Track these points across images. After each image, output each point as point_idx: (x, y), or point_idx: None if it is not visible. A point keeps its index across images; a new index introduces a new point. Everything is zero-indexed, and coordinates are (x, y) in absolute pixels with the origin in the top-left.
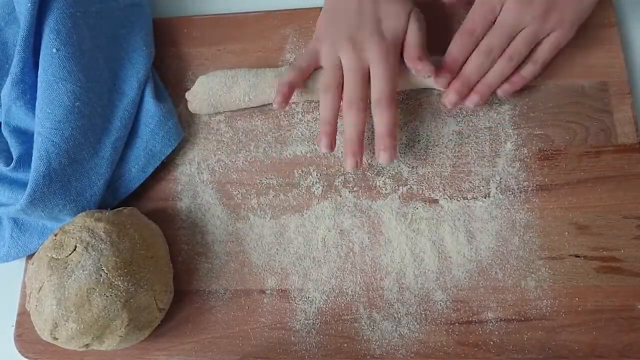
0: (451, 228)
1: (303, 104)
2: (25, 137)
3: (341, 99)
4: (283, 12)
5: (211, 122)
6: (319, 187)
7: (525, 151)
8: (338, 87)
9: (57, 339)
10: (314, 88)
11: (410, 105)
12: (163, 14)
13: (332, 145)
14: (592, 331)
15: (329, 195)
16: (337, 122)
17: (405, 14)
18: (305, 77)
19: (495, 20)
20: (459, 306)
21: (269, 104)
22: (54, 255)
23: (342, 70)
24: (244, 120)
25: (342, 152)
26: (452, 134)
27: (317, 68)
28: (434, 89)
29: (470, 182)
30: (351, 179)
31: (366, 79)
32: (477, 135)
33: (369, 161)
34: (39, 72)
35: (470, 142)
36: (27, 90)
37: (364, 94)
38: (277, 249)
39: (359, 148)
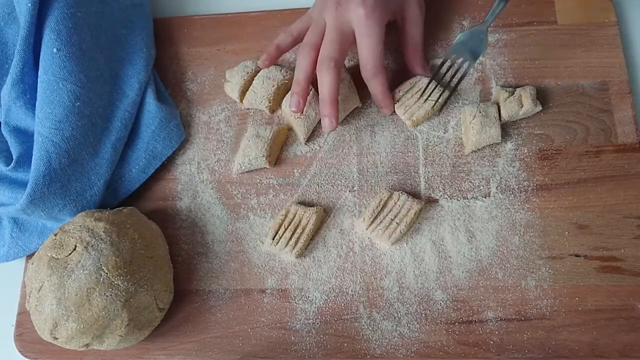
0: (451, 228)
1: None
2: (25, 137)
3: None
4: (283, 12)
5: (211, 122)
6: (318, 187)
7: (526, 151)
8: (314, 48)
9: (57, 338)
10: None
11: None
12: (163, 14)
13: (298, 106)
14: (592, 331)
15: (329, 195)
16: (308, 84)
17: None
18: (297, 42)
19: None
20: (459, 306)
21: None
22: (54, 255)
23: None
24: (244, 120)
25: (341, 156)
26: (452, 134)
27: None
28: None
29: (470, 182)
30: (352, 178)
31: (344, 40)
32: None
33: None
34: (39, 72)
35: None
36: (27, 90)
37: (337, 54)
38: None
39: (330, 109)
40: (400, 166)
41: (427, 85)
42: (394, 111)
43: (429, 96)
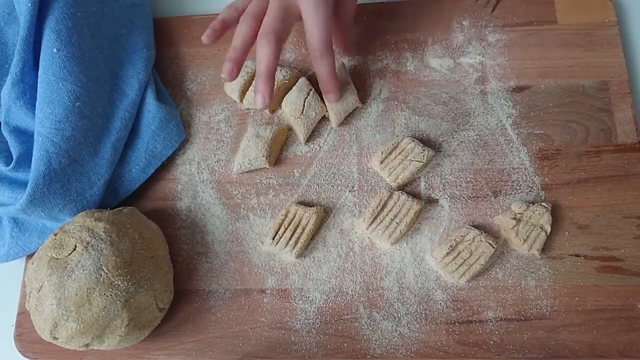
0: (451, 228)
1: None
2: (25, 137)
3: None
4: None
5: (211, 122)
6: (318, 187)
7: (526, 151)
8: (256, 18)
9: (57, 338)
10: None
11: (412, 106)
12: (163, 14)
13: (231, 72)
14: (592, 331)
15: (329, 195)
16: (244, 53)
17: None
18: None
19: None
20: (459, 306)
21: None
22: (54, 255)
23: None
24: (244, 120)
25: (341, 156)
26: (452, 134)
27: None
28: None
29: (470, 182)
30: (352, 178)
31: (288, 15)
32: (477, 135)
33: (368, 162)
34: (39, 72)
35: (470, 142)
36: (27, 90)
37: (278, 28)
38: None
39: (265, 85)
40: None
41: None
42: (339, 98)
43: (413, 157)
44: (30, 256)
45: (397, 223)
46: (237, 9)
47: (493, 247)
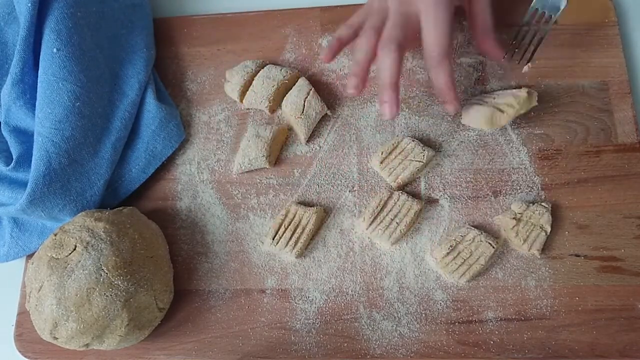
0: (451, 227)
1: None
2: (25, 137)
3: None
4: (283, 12)
5: (211, 122)
6: (318, 187)
7: (526, 151)
8: (376, 31)
9: (57, 338)
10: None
11: (412, 106)
12: (163, 14)
13: (357, 87)
14: (592, 331)
15: (329, 195)
16: (368, 66)
17: None
18: (358, 34)
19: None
20: (459, 306)
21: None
22: (53, 255)
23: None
24: (244, 120)
25: (341, 156)
26: (452, 134)
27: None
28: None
29: (470, 182)
30: (352, 178)
31: (408, 24)
32: (477, 135)
33: (368, 162)
34: (39, 72)
35: (470, 142)
36: (27, 90)
37: (399, 37)
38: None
39: (391, 94)
40: None
41: (410, 146)
42: (460, 110)
43: (413, 157)
44: (30, 256)
45: (397, 223)
46: (353, 25)
47: (493, 247)
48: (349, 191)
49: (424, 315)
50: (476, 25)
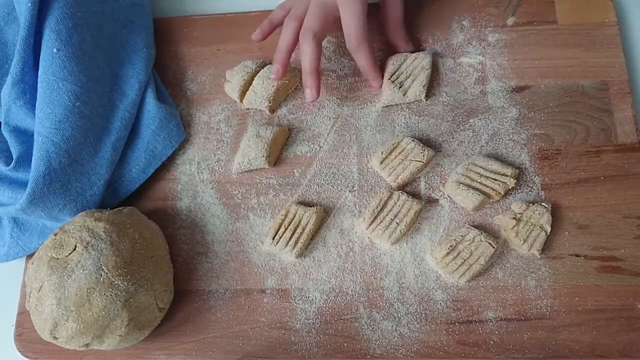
0: (451, 227)
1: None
2: (25, 137)
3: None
4: None
5: (211, 122)
6: (318, 187)
7: (526, 151)
8: (297, 20)
9: (57, 338)
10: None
11: (412, 106)
12: (163, 14)
13: (278, 73)
14: (592, 331)
15: (329, 195)
16: (288, 54)
17: None
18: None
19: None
20: (459, 305)
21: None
22: (54, 255)
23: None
24: (244, 120)
25: (341, 156)
26: (452, 134)
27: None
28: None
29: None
30: (352, 178)
31: (326, 14)
32: (476, 135)
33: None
34: (39, 72)
35: (470, 142)
36: (27, 90)
37: (318, 27)
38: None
39: (311, 79)
40: None
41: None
42: (382, 85)
43: (413, 157)
44: (30, 256)
45: (397, 223)
46: (285, 8)
47: (493, 247)
48: (349, 191)
49: (424, 315)
50: (387, 15)
